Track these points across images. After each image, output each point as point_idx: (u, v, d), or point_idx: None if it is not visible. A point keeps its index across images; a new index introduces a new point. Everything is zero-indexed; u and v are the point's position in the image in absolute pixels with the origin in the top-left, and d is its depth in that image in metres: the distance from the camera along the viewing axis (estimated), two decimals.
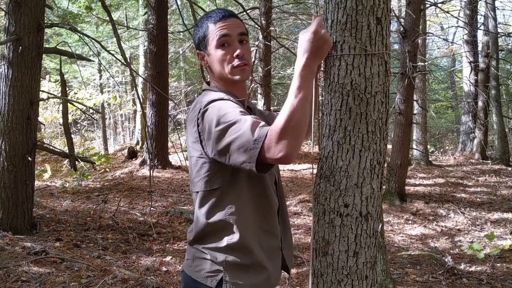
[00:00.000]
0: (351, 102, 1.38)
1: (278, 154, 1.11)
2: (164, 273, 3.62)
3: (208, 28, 1.36)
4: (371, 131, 1.38)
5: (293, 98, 1.14)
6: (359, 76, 1.38)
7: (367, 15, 1.37)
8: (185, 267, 1.39)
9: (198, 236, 1.35)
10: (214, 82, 1.44)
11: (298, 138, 1.14)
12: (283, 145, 1.11)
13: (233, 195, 1.31)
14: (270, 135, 1.13)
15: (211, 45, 1.36)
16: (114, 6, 12.08)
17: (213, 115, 1.22)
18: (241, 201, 1.31)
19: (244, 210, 1.32)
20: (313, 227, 1.47)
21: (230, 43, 1.35)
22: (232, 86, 1.41)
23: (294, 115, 1.12)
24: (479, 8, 11.90)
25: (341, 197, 1.39)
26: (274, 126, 1.13)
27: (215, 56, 1.36)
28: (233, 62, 1.35)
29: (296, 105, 1.13)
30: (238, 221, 1.30)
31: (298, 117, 1.12)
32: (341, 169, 1.39)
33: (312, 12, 12.81)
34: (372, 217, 1.41)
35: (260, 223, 1.36)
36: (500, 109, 10.16)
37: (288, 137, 1.11)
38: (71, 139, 5.22)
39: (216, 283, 1.29)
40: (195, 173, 1.35)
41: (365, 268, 1.40)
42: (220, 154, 1.22)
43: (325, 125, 1.46)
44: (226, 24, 1.34)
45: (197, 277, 1.33)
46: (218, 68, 1.37)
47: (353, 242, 1.38)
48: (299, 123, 1.13)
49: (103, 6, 4.79)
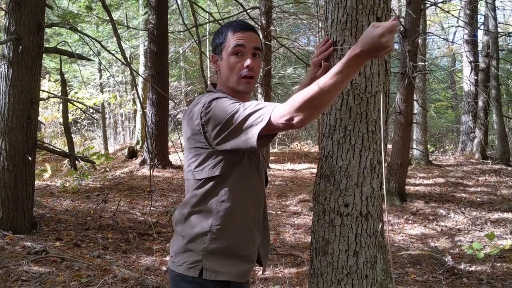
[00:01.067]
0: (351, 102, 1.38)
1: (294, 120, 1.18)
2: (164, 272, 3.62)
3: (227, 36, 1.44)
4: (371, 131, 1.38)
5: (328, 79, 1.15)
6: (359, 76, 1.38)
7: (367, 14, 1.37)
8: (170, 264, 1.45)
9: (187, 215, 1.41)
10: (220, 86, 1.49)
11: (316, 113, 1.20)
12: (299, 115, 1.17)
13: (229, 184, 1.37)
14: (291, 103, 1.18)
15: (225, 51, 1.43)
16: (114, 5, 12.06)
17: (218, 108, 1.30)
18: (235, 191, 1.37)
19: (236, 200, 1.37)
20: (313, 227, 1.48)
21: (244, 53, 1.41)
22: (235, 95, 1.46)
23: (321, 95, 1.15)
24: (479, 8, 11.90)
25: (341, 196, 1.39)
26: (298, 96, 1.17)
27: (227, 62, 1.43)
28: (242, 71, 1.41)
29: (325, 87, 1.15)
30: (228, 209, 1.36)
31: (323, 98, 1.16)
32: (341, 168, 1.39)
33: (312, 11, 12.80)
34: (372, 216, 1.41)
35: (249, 215, 1.42)
36: (500, 109, 10.15)
37: (307, 111, 1.17)
38: (71, 138, 5.22)
39: (198, 272, 1.34)
40: (198, 163, 1.39)
41: (365, 267, 1.40)
42: (224, 141, 1.29)
43: (325, 125, 1.46)
44: (244, 36, 1.42)
45: (180, 271, 1.38)
46: (226, 74, 1.44)
47: (353, 241, 1.39)
48: (320, 104, 1.17)
49: (103, 5, 4.79)
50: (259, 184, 1.46)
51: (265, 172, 1.54)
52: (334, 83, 1.14)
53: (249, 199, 1.41)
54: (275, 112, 1.20)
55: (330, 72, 1.16)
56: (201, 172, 1.38)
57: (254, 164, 1.42)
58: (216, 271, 1.35)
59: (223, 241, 1.36)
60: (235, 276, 1.38)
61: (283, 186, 7.96)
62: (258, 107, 1.24)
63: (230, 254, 1.37)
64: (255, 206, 1.44)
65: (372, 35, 1.13)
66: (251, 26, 1.46)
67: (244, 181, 1.39)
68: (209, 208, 1.37)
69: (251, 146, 1.23)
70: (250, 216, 1.42)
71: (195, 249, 1.36)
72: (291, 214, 6.14)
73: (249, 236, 1.42)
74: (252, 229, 1.43)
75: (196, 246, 1.37)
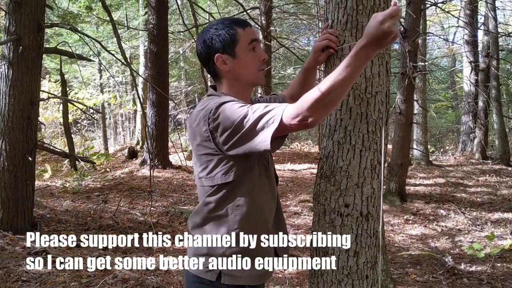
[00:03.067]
0: (352, 102, 1.38)
1: (307, 119, 1.17)
2: (164, 273, 3.62)
3: (237, 33, 1.39)
4: (372, 131, 1.38)
5: (337, 75, 1.14)
6: (359, 76, 1.38)
7: (368, 15, 1.37)
8: (187, 264, 1.43)
9: (202, 222, 1.40)
10: (224, 88, 1.45)
11: (328, 111, 1.21)
12: (313, 114, 1.16)
13: (244, 189, 1.36)
14: (302, 102, 1.17)
15: (241, 48, 1.39)
16: (114, 6, 12.06)
17: (226, 113, 1.27)
18: (249, 195, 1.36)
19: (251, 203, 1.36)
20: (314, 227, 1.47)
21: (257, 48, 1.43)
22: (246, 94, 1.47)
23: (331, 92, 1.14)
24: (479, 8, 11.90)
25: (341, 197, 1.39)
26: (309, 95, 1.17)
27: (245, 59, 1.40)
28: (260, 66, 1.43)
29: (336, 83, 1.14)
30: (244, 213, 1.35)
31: (334, 94, 1.15)
32: (341, 169, 1.39)
33: (313, 12, 12.81)
34: (372, 217, 1.41)
35: (264, 217, 1.41)
36: (501, 109, 10.15)
37: (319, 109, 1.16)
38: (71, 139, 5.22)
39: (216, 276, 1.34)
40: (209, 169, 1.38)
41: (366, 268, 1.40)
42: (236, 146, 1.27)
43: (325, 125, 1.46)
44: (252, 31, 1.43)
45: (198, 273, 1.37)
46: (242, 71, 1.41)
47: (354, 242, 1.38)
48: (331, 101, 1.16)
49: (103, 6, 4.79)
50: (270, 185, 1.45)
51: (274, 171, 1.54)
52: (344, 78, 1.13)
53: (263, 201, 1.40)
54: (286, 112, 1.19)
55: (339, 67, 1.15)
56: (213, 179, 1.36)
57: (263, 166, 1.41)
58: (234, 275, 1.34)
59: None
60: (253, 279, 1.37)
61: (283, 187, 7.95)
62: (267, 109, 1.22)
63: (248, 257, 1.36)
64: (269, 207, 1.44)
65: (373, 24, 1.13)
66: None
67: (257, 184, 1.38)
68: (225, 214, 1.36)
69: (265, 149, 1.21)
70: (264, 217, 1.41)
71: (214, 254, 1.36)
72: (291, 214, 6.14)
73: (265, 238, 1.41)
74: (268, 230, 1.42)
75: (215, 251, 1.36)
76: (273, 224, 1.48)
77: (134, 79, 6.40)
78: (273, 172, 1.49)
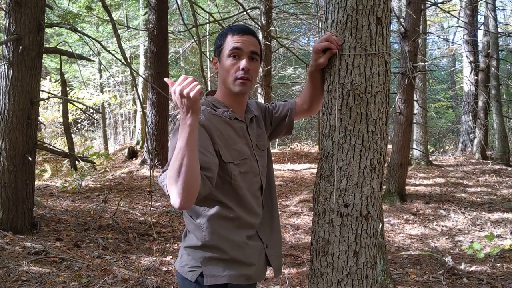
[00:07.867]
0: (352, 102, 1.38)
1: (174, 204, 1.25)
2: (164, 272, 3.62)
3: (226, 39, 1.48)
4: (371, 131, 1.38)
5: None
6: (359, 76, 1.38)
7: (367, 15, 1.36)
8: (176, 264, 1.52)
9: (184, 235, 1.51)
10: (219, 92, 1.54)
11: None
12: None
13: (208, 201, 1.40)
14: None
15: (223, 54, 1.47)
16: (114, 6, 12.08)
17: (170, 144, 1.38)
18: (215, 205, 1.41)
19: (219, 212, 1.41)
20: (313, 227, 1.48)
21: (240, 56, 1.45)
22: (232, 98, 1.50)
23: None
24: (479, 8, 11.90)
25: (341, 197, 1.39)
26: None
27: (224, 64, 1.47)
28: (237, 73, 1.44)
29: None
30: (213, 223, 1.41)
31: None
32: (341, 169, 1.39)
33: (313, 12, 12.82)
34: (372, 217, 1.41)
35: (239, 222, 1.44)
36: (501, 109, 10.15)
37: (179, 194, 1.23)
38: (71, 138, 5.22)
39: (196, 277, 1.41)
40: None
41: (365, 268, 1.40)
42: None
43: (325, 125, 1.46)
44: (241, 39, 1.45)
45: (182, 272, 1.45)
46: (224, 76, 1.48)
47: (353, 242, 1.38)
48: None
49: (103, 6, 4.79)
50: (248, 190, 1.46)
51: (264, 173, 1.54)
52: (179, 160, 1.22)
53: (237, 208, 1.43)
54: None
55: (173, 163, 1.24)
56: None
57: (228, 176, 1.42)
58: (215, 275, 1.40)
59: (215, 250, 1.40)
60: (235, 278, 1.40)
61: (283, 186, 7.95)
62: (167, 166, 1.29)
63: (226, 261, 1.41)
64: (247, 212, 1.45)
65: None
66: (251, 30, 1.48)
67: (223, 193, 1.41)
68: (198, 225, 1.42)
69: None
70: (241, 222, 1.44)
71: (194, 257, 1.43)
72: (291, 214, 6.14)
73: (243, 242, 1.44)
74: (247, 234, 1.45)
75: (195, 254, 1.43)
76: (267, 226, 1.52)
77: (134, 79, 6.39)
78: (255, 177, 1.50)
